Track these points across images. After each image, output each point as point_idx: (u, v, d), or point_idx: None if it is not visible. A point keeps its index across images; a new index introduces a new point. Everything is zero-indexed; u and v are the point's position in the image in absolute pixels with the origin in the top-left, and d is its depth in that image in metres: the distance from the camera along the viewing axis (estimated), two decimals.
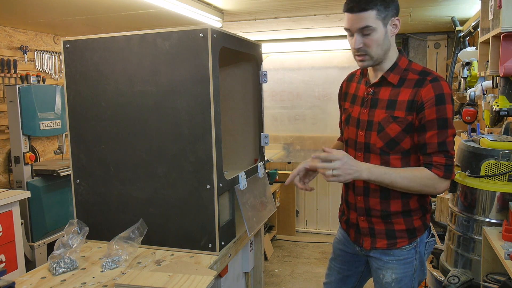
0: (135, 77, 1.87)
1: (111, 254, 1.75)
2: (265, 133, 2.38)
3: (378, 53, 1.48)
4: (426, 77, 1.46)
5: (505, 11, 1.82)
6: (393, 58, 1.53)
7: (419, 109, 1.45)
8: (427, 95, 1.43)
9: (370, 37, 1.44)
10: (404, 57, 1.55)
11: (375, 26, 1.42)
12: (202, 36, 1.73)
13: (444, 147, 1.43)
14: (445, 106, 1.42)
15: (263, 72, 2.33)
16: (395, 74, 1.51)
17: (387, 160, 1.53)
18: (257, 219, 2.16)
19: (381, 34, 1.44)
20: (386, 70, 1.53)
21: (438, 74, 1.49)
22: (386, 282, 1.61)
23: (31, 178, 3.49)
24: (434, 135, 1.43)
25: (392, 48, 1.53)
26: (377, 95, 1.55)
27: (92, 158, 1.99)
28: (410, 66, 1.53)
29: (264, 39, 4.98)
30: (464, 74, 2.98)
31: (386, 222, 1.59)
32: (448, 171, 1.44)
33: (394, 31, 1.48)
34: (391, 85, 1.52)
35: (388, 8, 1.43)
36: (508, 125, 2.21)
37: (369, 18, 1.41)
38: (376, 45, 1.45)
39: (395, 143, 1.50)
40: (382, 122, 1.51)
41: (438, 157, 1.43)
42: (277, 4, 3.08)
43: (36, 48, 4.03)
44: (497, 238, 1.63)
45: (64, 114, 2.92)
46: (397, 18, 1.47)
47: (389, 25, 1.45)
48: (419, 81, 1.47)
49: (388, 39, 1.48)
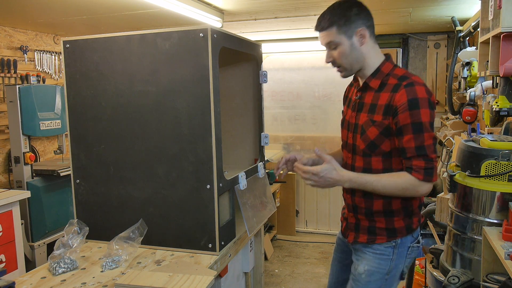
0: (135, 77, 1.87)
1: (111, 254, 1.75)
2: (265, 133, 2.38)
3: (349, 63, 1.57)
4: (402, 82, 1.50)
5: (505, 11, 1.82)
6: (376, 64, 1.59)
7: (394, 113, 1.49)
8: (401, 100, 1.46)
9: (337, 51, 1.54)
10: (388, 62, 1.59)
11: (338, 40, 1.53)
12: (202, 36, 1.73)
13: (423, 151, 1.46)
14: (419, 110, 1.44)
15: (263, 72, 2.33)
16: (376, 79, 1.57)
17: (369, 161, 1.60)
18: (257, 219, 2.16)
19: (346, 46, 1.53)
20: (368, 76, 1.60)
21: (416, 79, 1.50)
22: (358, 273, 1.67)
23: (31, 178, 3.49)
24: (411, 140, 1.46)
25: (373, 55, 1.58)
26: (363, 99, 1.62)
27: (92, 158, 1.99)
28: (393, 71, 1.57)
29: (264, 39, 4.98)
30: (464, 74, 2.98)
31: (369, 220, 1.66)
32: (428, 174, 1.47)
33: (363, 41, 1.54)
34: (373, 90, 1.58)
35: (348, 22, 1.51)
36: (508, 125, 2.21)
37: (331, 35, 1.53)
38: (344, 57, 1.55)
39: (375, 146, 1.56)
40: (364, 125, 1.58)
41: (417, 161, 1.47)
42: (277, 4, 3.08)
43: (36, 48, 4.03)
44: (497, 238, 1.63)
45: (64, 114, 2.92)
46: (362, 28, 1.53)
47: (354, 37, 1.53)
48: (395, 86, 1.51)
49: (357, 50, 1.55)
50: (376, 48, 1.60)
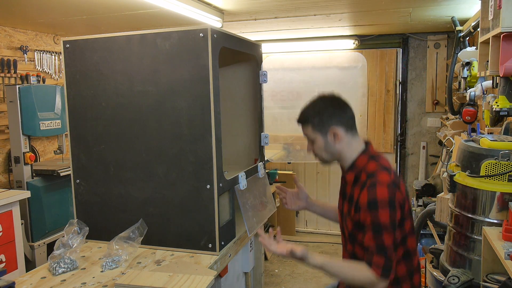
0: (135, 77, 1.87)
1: (111, 254, 1.75)
2: (265, 133, 2.38)
3: (326, 156, 1.64)
4: (367, 181, 1.52)
5: (505, 11, 1.82)
6: (352, 157, 1.61)
7: (359, 210, 1.52)
8: (363, 199, 1.49)
9: (314, 144, 1.62)
10: (364, 155, 1.60)
11: (313, 136, 1.60)
12: (202, 36, 1.73)
13: (383, 250, 1.46)
14: (377, 211, 1.45)
15: (263, 72, 2.33)
16: (352, 172, 1.61)
17: (352, 248, 1.62)
18: (257, 219, 2.16)
19: (321, 142, 1.60)
20: (346, 169, 1.64)
21: (382, 178, 1.49)
22: None
23: (31, 178, 3.49)
24: (371, 238, 1.47)
25: (349, 149, 1.61)
26: (346, 188, 1.66)
27: (92, 158, 1.99)
28: (366, 166, 1.58)
29: (264, 39, 4.98)
30: (464, 74, 2.97)
31: None
32: (385, 272, 1.46)
33: (336, 139, 1.58)
34: (350, 183, 1.62)
35: (322, 122, 1.58)
36: (508, 125, 2.21)
37: (307, 130, 1.62)
38: (320, 151, 1.63)
39: (353, 236, 1.60)
40: (345, 214, 1.64)
41: (378, 257, 1.47)
42: (277, 4, 3.07)
43: (36, 48, 4.02)
44: (497, 238, 1.62)
45: (64, 114, 2.92)
46: (336, 127, 1.57)
47: (328, 135, 1.58)
48: (363, 184, 1.53)
49: (331, 146, 1.60)
50: (354, 141, 1.61)
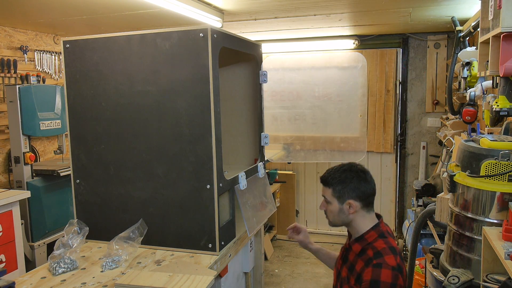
0: (135, 77, 1.87)
1: (111, 254, 1.75)
2: (265, 133, 2.38)
3: (336, 221, 1.67)
4: (374, 260, 1.53)
5: (505, 11, 1.82)
6: (362, 230, 1.63)
7: (360, 284, 1.52)
8: (366, 277, 1.50)
9: (328, 206, 1.66)
10: (374, 231, 1.62)
11: (330, 200, 1.64)
12: (202, 36, 1.73)
13: None
14: None
15: (263, 72, 2.33)
16: (359, 244, 1.62)
17: None
18: (257, 219, 2.16)
19: (335, 208, 1.63)
20: (354, 238, 1.65)
21: (389, 260, 1.50)
22: None
23: (31, 178, 3.49)
24: None
25: (361, 222, 1.63)
26: (348, 254, 1.67)
27: (92, 158, 1.99)
28: (374, 242, 1.59)
29: (264, 39, 4.98)
30: (464, 74, 2.97)
31: None
32: None
33: (351, 211, 1.61)
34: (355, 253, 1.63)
35: (343, 191, 1.60)
36: (508, 125, 2.21)
37: (327, 192, 1.65)
38: (331, 215, 1.66)
39: None
40: (343, 280, 1.65)
41: None
42: (277, 4, 3.07)
43: (36, 48, 4.02)
44: (497, 238, 1.62)
45: (64, 114, 2.92)
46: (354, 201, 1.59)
47: (345, 204, 1.61)
48: (369, 260, 1.54)
49: (344, 215, 1.62)
50: (368, 216, 1.64)
